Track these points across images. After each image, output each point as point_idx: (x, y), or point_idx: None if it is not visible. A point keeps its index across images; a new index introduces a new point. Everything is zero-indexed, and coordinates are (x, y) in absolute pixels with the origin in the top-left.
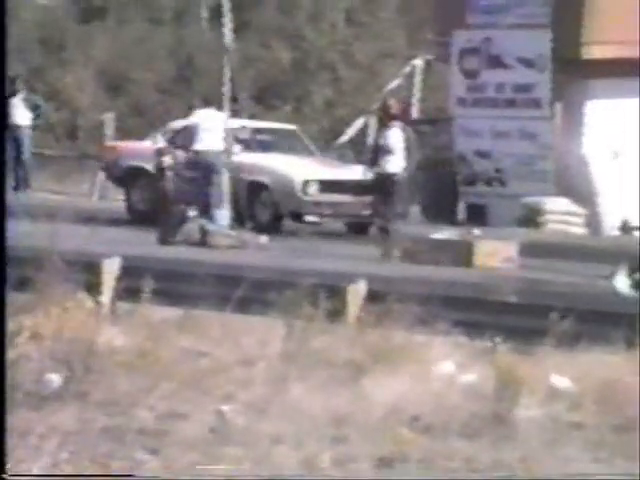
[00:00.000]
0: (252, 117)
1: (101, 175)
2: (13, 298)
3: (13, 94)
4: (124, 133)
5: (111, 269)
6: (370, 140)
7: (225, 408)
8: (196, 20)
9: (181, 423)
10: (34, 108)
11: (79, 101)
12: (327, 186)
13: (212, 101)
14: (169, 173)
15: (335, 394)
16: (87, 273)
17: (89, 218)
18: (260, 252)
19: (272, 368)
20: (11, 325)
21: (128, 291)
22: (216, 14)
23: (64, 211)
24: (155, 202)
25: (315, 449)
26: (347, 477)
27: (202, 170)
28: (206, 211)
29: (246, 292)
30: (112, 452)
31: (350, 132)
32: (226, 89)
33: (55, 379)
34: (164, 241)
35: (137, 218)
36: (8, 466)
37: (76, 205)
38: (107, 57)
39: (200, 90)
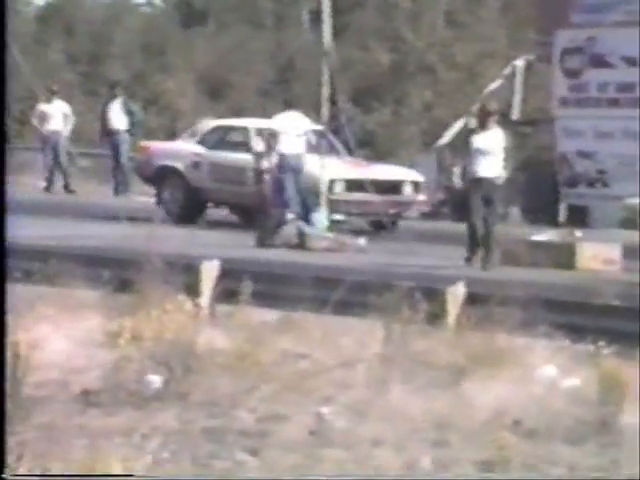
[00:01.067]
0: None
1: None
2: (114, 299)
3: (112, 99)
4: None
5: (210, 271)
6: (470, 142)
7: (325, 410)
8: (296, 23)
9: (281, 425)
10: (129, 114)
11: (180, 105)
12: (353, 185)
13: (309, 104)
14: (267, 176)
15: (436, 397)
16: (186, 275)
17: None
18: (358, 254)
19: (372, 370)
20: (113, 326)
21: (227, 293)
22: (316, 17)
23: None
24: (184, 200)
25: (416, 452)
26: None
27: (291, 173)
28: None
29: (345, 294)
30: (213, 453)
31: (449, 134)
32: (325, 92)
33: (156, 380)
34: (262, 244)
35: (168, 216)
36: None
37: None
38: (208, 62)
39: (299, 93)
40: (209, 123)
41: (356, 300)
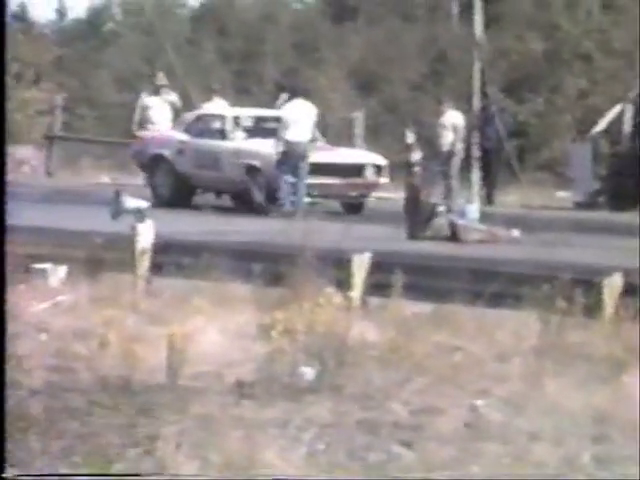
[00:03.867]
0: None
1: None
2: (267, 293)
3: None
4: (373, 131)
5: (361, 264)
6: (626, 129)
7: (480, 403)
8: (447, 15)
9: (436, 417)
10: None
11: (331, 100)
12: (316, 169)
13: (462, 96)
14: (417, 168)
15: (594, 391)
16: (338, 268)
17: (338, 215)
18: (512, 245)
19: (528, 363)
20: (266, 319)
21: (379, 286)
22: (467, 8)
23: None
24: (172, 186)
25: (576, 447)
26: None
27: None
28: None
29: (499, 286)
30: (368, 445)
31: (605, 121)
32: (476, 83)
33: (309, 372)
34: (414, 236)
35: (160, 201)
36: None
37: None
38: (359, 56)
39: (451, 85)
40: (194, 112)
41: (510, 292)
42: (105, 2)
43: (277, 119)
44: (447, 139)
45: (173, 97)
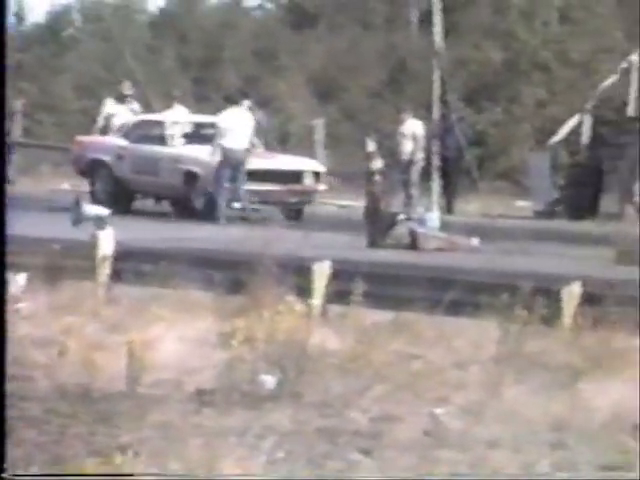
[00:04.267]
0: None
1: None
2: (228, 301)
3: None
4: (334, 138)
5: (322, 272)
6: (584, 139)
7: (439, 411)
8: (406, 24)
9: (395, 425)
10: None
11: (291, 108)
12: (254, 175)
13: (421, 105)
14: (378, 177)
15: (552, 398)
16: (298, 276)
17: (300, 222)
18: (472, 254)
19: (486, 371)
20: (226, 327)
21: (339, 294)
22: (426, 17)
23: (275, 216)
24: (112, 191)
25: (534, 454)
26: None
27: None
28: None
29: (457, 294)
30: (327, 453)
31: (563, 131)
32: (435, 92)
33: (269, 380)
34: (374, 244)
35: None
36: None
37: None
38: (319, 64)
39: (411, 94)
40: (133, 118)
41: (470, 301)
42: (65, 7)
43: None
44: (407, 148)
45: (135, 106)
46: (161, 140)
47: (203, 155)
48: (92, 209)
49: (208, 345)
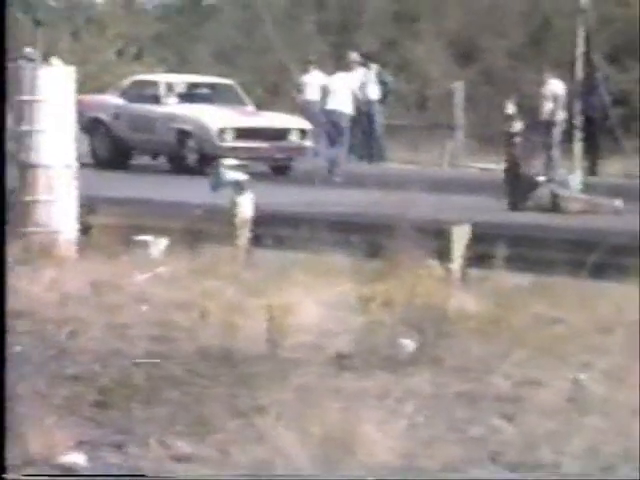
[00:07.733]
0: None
1: (450, 143)
2: (366, 265)
3: (365, 68)
4: (473, 101)
5: (461, 235)
6: None
7: (582, 376)
8: None
9: (537, 390)
10: (383, 84)
11: (430, 71)
12: (243, 133)
13: (563, 64)
14: (518, 139)
15: None
16: (438, 240)
17: (440, 185)
18: (615, 215)
19: (631, 335)
20: (364, 291)
21: (479, 257)
22: None
23: (415, 179)
24: (110, 148)
25: None
26: None
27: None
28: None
29: (600, 257)
30: (468, 418)
31: None
32: (579, 51)
33: (409, 344)
34: (515, 207)
35: (99, 162)
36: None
37: (427, 173)
38: (458, 26)
39: (553, 54)
40: (129, 79)
41: (612, 263)
42: None
43: (210, 85)
44: (548, 108)
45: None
46: (156, 99)
47: (196, 114)
48: (231, 174)
49: (347, 309)
